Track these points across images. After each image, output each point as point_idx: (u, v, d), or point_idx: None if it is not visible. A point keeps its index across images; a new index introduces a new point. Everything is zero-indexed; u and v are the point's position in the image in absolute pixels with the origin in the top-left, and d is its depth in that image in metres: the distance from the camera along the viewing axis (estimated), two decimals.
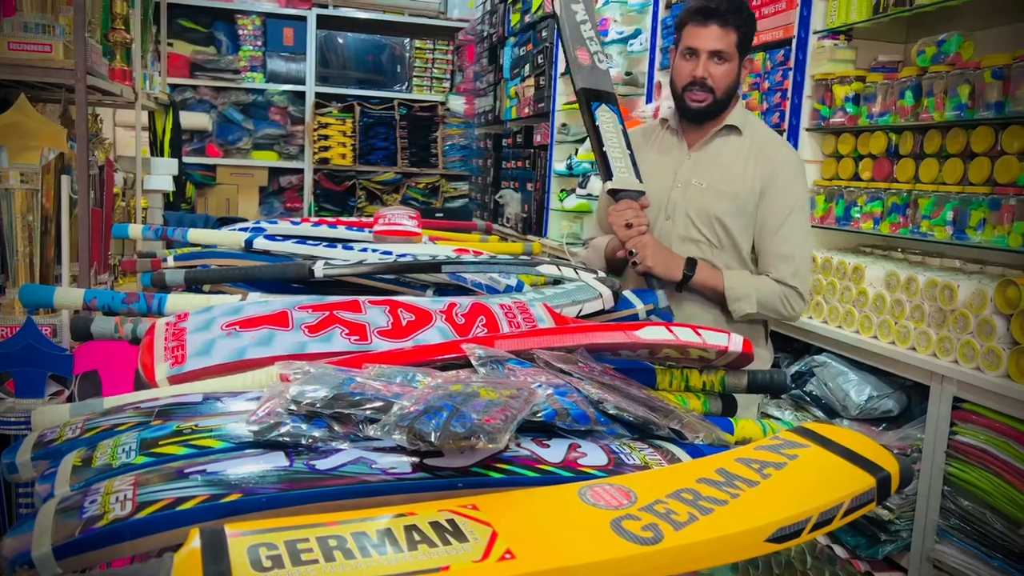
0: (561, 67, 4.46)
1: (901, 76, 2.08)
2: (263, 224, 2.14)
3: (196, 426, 0.86)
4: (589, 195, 3.99)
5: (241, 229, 2.08)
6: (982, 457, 1.73)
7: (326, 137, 6.56)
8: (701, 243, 1.86)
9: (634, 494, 0.77)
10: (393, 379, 0.96)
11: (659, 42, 3.35)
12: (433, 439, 0.75)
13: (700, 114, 1.88)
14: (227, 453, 0.81)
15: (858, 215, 2.23)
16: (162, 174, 3.75)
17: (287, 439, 0.81)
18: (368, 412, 0.84)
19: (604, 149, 1.89)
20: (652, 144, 2.02)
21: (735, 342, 1.17)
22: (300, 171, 6.64)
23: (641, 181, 1.88)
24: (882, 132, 2.16)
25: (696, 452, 0.92)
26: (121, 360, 1.72)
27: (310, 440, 0.81)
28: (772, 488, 0.79)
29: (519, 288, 1.87)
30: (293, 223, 2.19)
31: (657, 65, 3.38)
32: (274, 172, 6.60)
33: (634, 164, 1.90)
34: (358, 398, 0.86)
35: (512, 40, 5.39)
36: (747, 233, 1.86)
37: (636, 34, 3.71)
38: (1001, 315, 1.74)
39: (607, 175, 1.87)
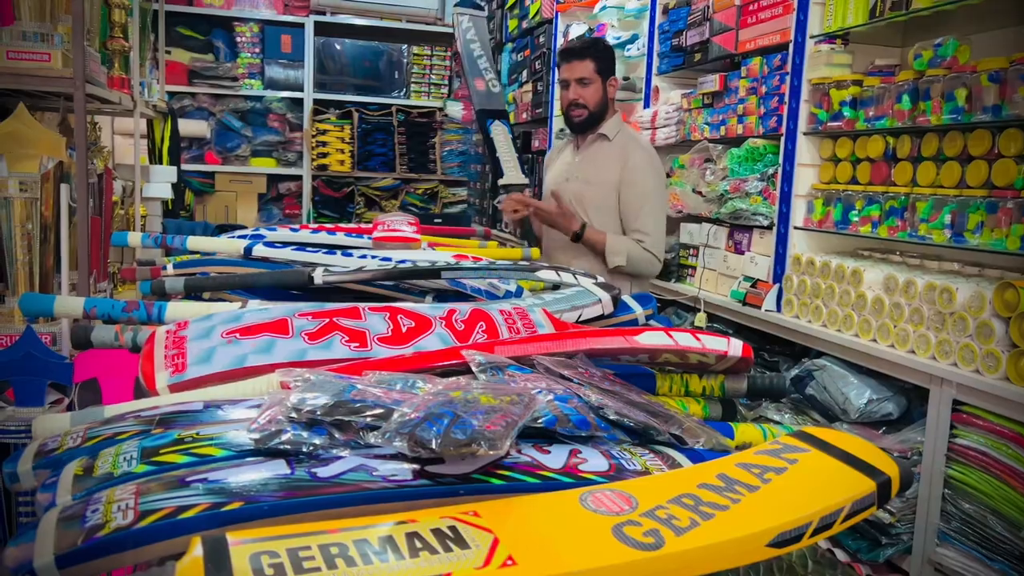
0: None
1: (898, 80, 2.09)
2: (262, 231, 2.14)
3: (197, 434, 0.87)
4: None
5: (240, 236, 2.08)
6: (982, 460, 1.73)
7: (324, 143, 6.56)
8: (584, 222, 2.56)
9: (635, 500, 0.77)
10: (393, 386, 0.96)
11: (656, 47, 3.35)
12: (434, 446, 0.75)
13: (582, 125, 2.56)
14: (228, 461, 0.81)
15: (856, 219, 2.24)
16: (161, 182, 3.75)
17: (288, 447, 0.81)
18: (369, 419, 0.84)
19: (496, 155, 2.88)
20: (559, 155, 2.80)
21: (735, 347, 1.17)
22: (299, 178, 6.64)
23: (526, 176, 2.85)
24: (879, 136, 2.16)
25: (696, 457, 0.92)
26: (121, 368, 1.72)
27: (311, 448, 0.81)
28: (773, 493, 0.79)
29: (518, 293, 1.88)
30: (292, 230, 2.19)
31: (655, 70, 3.38)
32: (273, 179, 6.60)
33: (521, 164, 2.94)
34: (358, 405, 0.86)
35: (510, 46, 5.40)
36: (609, 214, 2.50)
37: (633, 39, 3.71)
38: (1000, 318, 1.74)
39: (499, 175, 2.86)
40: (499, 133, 2.90)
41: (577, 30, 4.26)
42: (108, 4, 3.04)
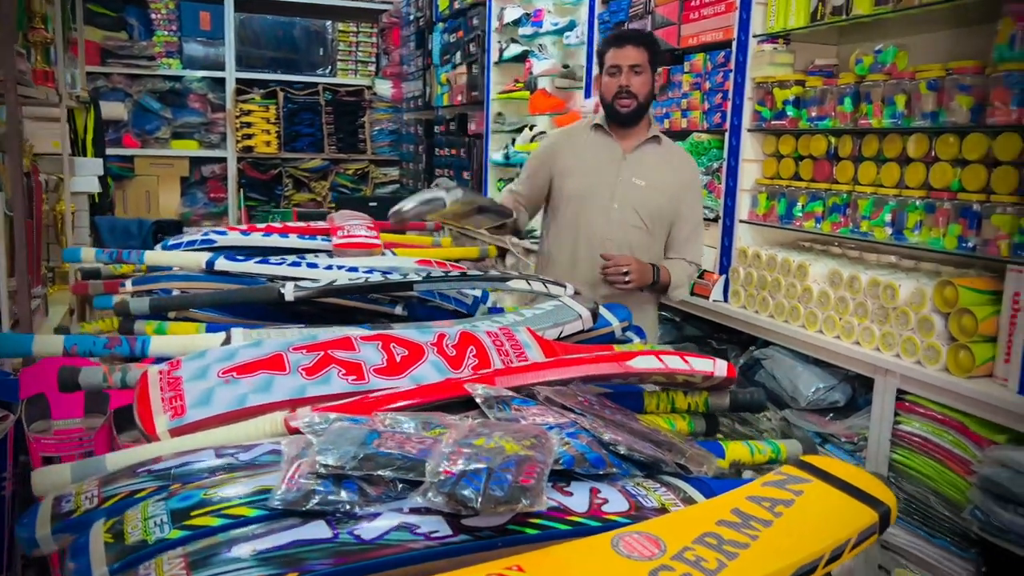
0: (495, 56, 4.45)
1: (840, 83, 2.18)
2: (212, 235, 2.08)
3: (225, 494, 0.87)
4: None
5: (189, 243, 2.03)
6: (924, 445, 1.86)
7: (249, 124, 6.39)
8: (640, 228, 2.29)
9: (663, 542, 0.81)
10: (407, 427, 0.98)
11: (596, 36, 3.38)
12: (476, 506, 0.78)
13: (628, 117, 2.28)
14: (264, 523, 0.82)
15: (800, 214, 2.34)
16: (87, 175, 3.60)
17: (323, 507, 0.83)
18: (399, 474, 0.86)
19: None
20: (585, 145, 2.37)
21: (720, 367, 1.23)
22: (223, 160, 6.45)
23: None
24: (822, 135, 2.26)
25: (703, 486, 0.98)
26: None
27: (346, 507, 0.83)
28: (786, 527, 0.85)
29: (484, 299, 1.90)
30: (243, 234, 2.14)
31: (595, 60, 3.42)
32: (196, 162, 6.40)
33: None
34: (385, 459, 0.88)
35: (441, 26, 5.34)
36: (667, 222, 2.32)
37: (571, 26, 3.74)
38: (939, 313, 1.86)
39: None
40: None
41: (512, 14, 4.26)
42: None
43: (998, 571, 1.69)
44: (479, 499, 0.78)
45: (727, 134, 2.56)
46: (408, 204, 1.95)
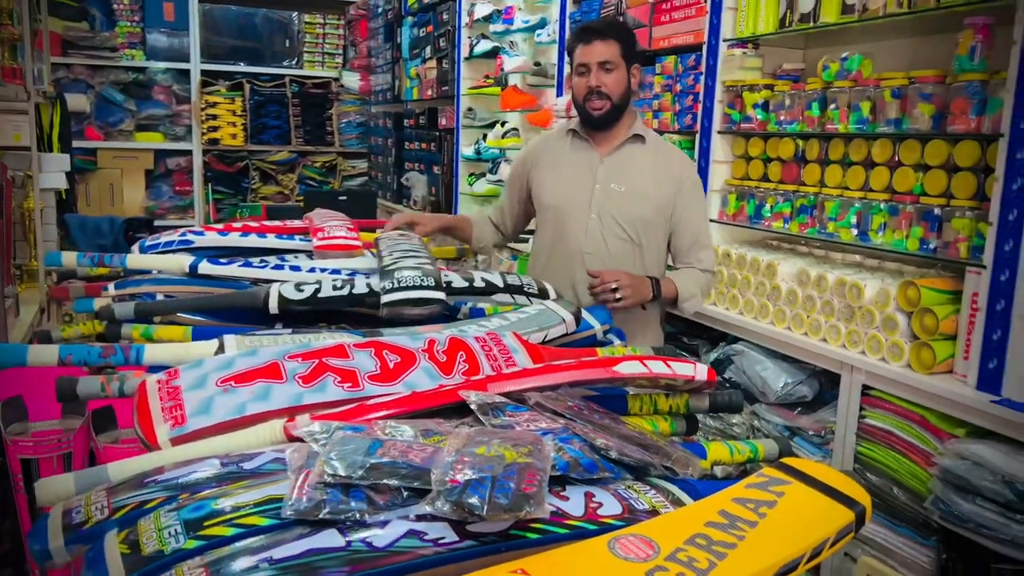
0: (465, 52, 4.47)
1: (808, 88, 2.25)
2: (189, 236, 2.09)
3: (236, 503, 0.90)
4: (499, 181, 4.06)
5: (166, 243, 2.03)
6: (888, 438, 1.95)
7: (215, 117, 6.32)
8: (624, 240, 2.10)
9: (656, 544, 0.87)
10: (407, 435, 1.02)
11: (568, 36, 3.43)
12: (483, 513, 0.83)
13: (601, 120, 2.09)
14: (277, 532, 0.86)
15: (768, 214, 2.41)
16: (54, 171, 3.55)
17: (335, 516, 0.86)
18: (405, 482, 0.90)
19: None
20: (561, 151, 2.21)
21: (700, 372, 1.29)
22: (188, 153, 6.38)
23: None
24: (790, 138, 2.33)
25: (689, 488, 1.03)
26: (44, 385, 1.69)
27: (356, 516, 0.87)
28: (770, 528, 0.91)
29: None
30: (221, 234, 2.15)
31: (567, 59, 3.46)
32: (161, 154, 6.32)
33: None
34: (390, 468, 0.92)
35: (410, 20, 5.33)
36: (662, 231, 2.12)
37: (542, 23, 3.77)
38: (903, 312, 1.94)
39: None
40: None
41: (482, 10, 4.27)
42: None
43: (958, 558, 1.79)
44: (485, 507, 0.83)
45: (697, 136, 2.62)
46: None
